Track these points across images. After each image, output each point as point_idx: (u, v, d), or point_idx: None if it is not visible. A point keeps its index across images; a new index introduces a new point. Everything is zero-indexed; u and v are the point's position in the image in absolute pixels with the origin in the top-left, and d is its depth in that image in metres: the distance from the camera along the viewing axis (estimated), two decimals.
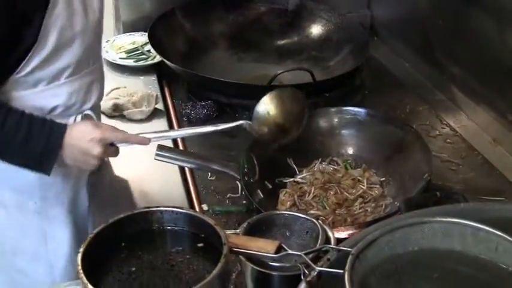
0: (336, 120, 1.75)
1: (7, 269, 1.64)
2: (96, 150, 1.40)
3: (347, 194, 1.60)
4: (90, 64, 1.56)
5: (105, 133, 1.42)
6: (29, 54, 1.39)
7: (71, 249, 1.62)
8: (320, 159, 1.71)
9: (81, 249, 1.05)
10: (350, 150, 1.73)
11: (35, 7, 1.36)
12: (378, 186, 1.62)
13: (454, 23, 1.97)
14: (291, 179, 1.66)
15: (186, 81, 2.17)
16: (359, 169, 1.68)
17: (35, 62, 1.41)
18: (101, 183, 1.71)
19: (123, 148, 1.46)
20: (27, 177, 1.50)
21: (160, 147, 1.55)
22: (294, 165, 1.70)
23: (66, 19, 1.42)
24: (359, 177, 1.64)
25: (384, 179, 1.64)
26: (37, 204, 1.58)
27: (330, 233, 1.16)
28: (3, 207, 1.58)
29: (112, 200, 1.65)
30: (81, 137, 1.41)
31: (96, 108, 1.63)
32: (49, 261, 1.63)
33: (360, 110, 1.75)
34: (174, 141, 1.85)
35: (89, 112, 1.57)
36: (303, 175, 1.67)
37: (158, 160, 1.55)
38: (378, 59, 2.34)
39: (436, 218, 1.05)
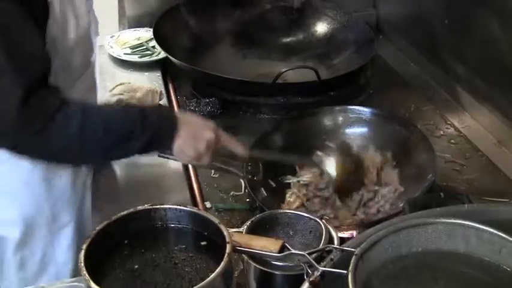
0: (341, 119, 1.74)
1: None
2: (208, 134, 1.37)
3: None
4: (84, 70, 1.56)
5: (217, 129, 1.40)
6: None
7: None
8: None
9: (84, 246, 1.04)
10: (354, 150, 1.72)
11: (41, 18, 1.34)
12: None
13: (459, 23, 1.96)
14: (295, 179, 1.66)
15: (190, 77, 2.17)
16: None
17: None
18: (104, 179, 1.71)
19: None
20: (36, 191, 1.52)
21: None
22: None
23: (61, 30, 1.40)
24: None
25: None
26: (48, 218, 1.58)
27: (333, 233, 1.16)
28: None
29: (115, 196, 1.65)
30: (194, 121, 1.41)
31: None
32: (55, 270, 1.63)
33: (365, 109, 1.74)
34: None
35: None
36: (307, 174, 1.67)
37: (162, 157, 1.54)
38: (383, 58, 2.33)
39: (440, 219, 1.05)
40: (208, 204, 1.61)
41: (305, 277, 1.02)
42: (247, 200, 1.61)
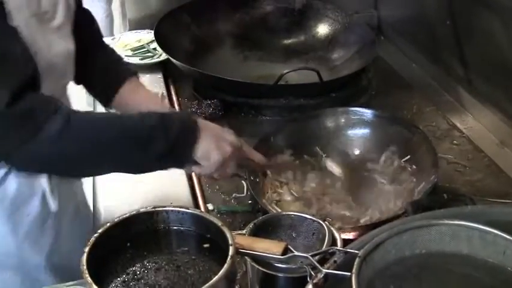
0: (343, 120, 1.74)
1: None
2: (232, 137, 1.34)
3: None
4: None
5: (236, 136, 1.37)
6: None
7: None
8: None
9: (87, 249, 1.04)
10: (356, 151, 1.73)
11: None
12: None
13: (461, 24, 1.96)
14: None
15: (191, 79, 2.17)
16: None
17: None
18: (105, 182, 1.70)
19: None
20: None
21: None
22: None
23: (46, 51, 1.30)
24: None
25: None
26: (17, 259, 1.45)
27: (336, 235, 1.16)
28: None
29: (116, 199, 1.65)
30: (213, 125, 1.35)
31: None
32: None
33: (367, 111, 1.74)
34: None
35: None
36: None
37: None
38: (384, 59, 2.33)
39: (443, 221, 1.05)
40: (210, 207, 1.61)
41: (308, 279, 1.02)
42: (250, 202, 1.60)
